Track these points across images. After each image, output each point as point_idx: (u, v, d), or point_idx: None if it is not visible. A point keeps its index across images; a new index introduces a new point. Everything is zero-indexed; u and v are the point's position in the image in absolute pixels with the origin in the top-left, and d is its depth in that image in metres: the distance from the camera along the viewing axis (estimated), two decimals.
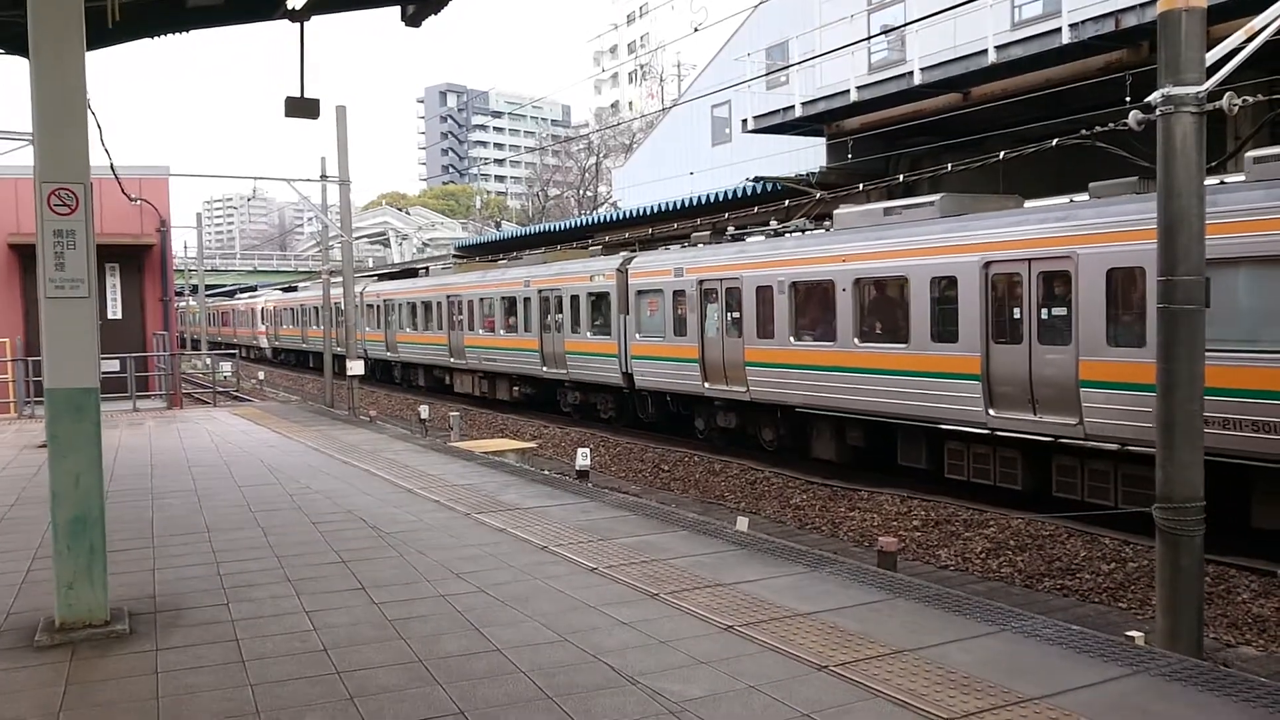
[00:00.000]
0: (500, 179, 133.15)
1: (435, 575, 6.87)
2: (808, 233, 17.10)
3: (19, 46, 13.70)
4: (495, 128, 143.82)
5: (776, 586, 6.47)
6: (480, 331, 28.57)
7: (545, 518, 8.69)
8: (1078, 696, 4.65)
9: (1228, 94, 8.19)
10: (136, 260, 21.58)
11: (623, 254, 22.85)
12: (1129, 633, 7.85)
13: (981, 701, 4.58)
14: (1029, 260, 12.34)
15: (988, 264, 12.79)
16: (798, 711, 4.50)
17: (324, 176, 35.99)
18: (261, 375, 41.27)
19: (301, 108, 15.57)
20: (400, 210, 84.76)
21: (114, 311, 21.37)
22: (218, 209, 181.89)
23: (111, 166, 18.21)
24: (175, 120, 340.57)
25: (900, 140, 22.67)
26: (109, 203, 20.38)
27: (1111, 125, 11.62)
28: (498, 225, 58.65)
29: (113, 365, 19.07)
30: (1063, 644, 5.35)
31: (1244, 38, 7.89)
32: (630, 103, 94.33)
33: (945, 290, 13.47)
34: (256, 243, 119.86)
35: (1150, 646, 7.52)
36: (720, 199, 26.42)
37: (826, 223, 16.91)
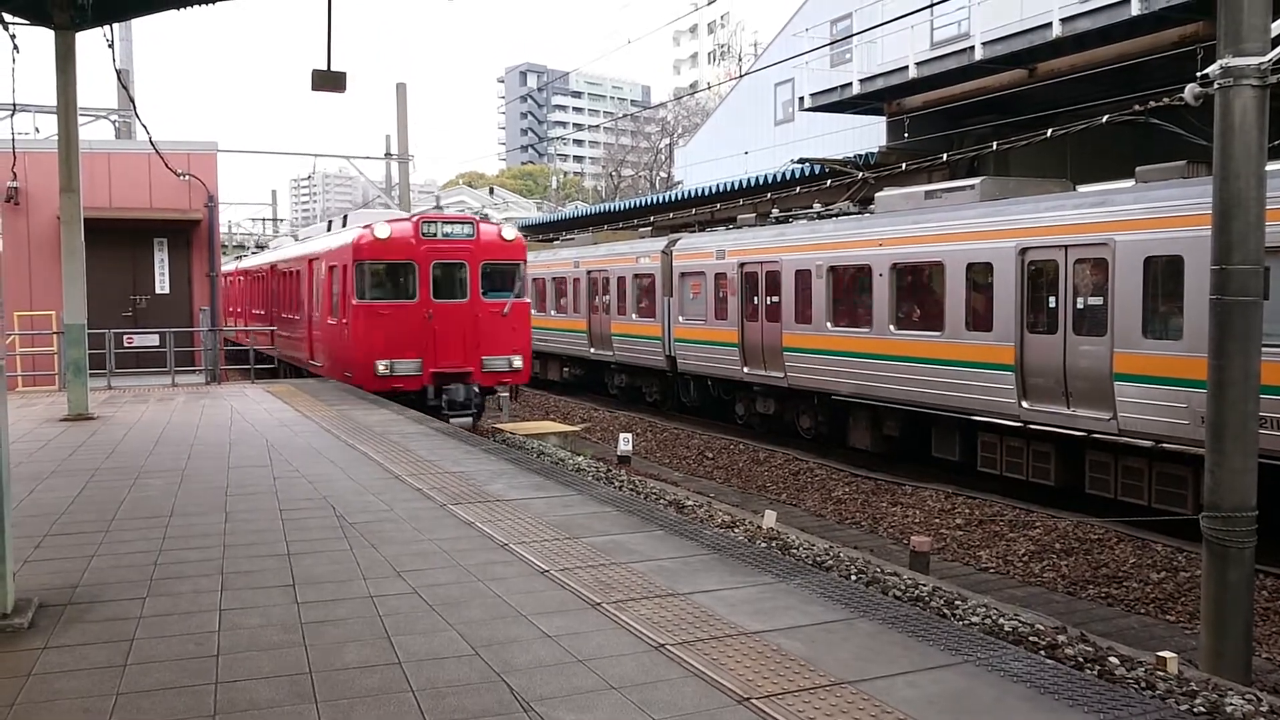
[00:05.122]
0: (579, 159, 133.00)
1: (376, 573, 6.44)
2: (849, 216, 16.40)
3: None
4: (575, 108, 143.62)
5: (733, 599, 5.89)
6: (533, 312, 28.25)
7: (523, 511, 8.22)
8: None
9: None
10: (184, 235, 21.66)
11: (669, 236, 22.34)
12: (1161, 653, 7.05)
13: None
14: (1065, 247, 11.57)
15: (1023, 250, 12.05)
16: None
17: (388, 154, 36.08)
18: None
19: (328, 80, 15.28)
20: (475, 190, 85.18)
21: (162, 286, 21.49)
22: (303, 187, 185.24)
23: (151, 141, 18.20)
24: (271, 100, 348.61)
25: (964, 119, 21.64)
26: (157, 178, 20.46)
27: (1167, 101, 10.72)
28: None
29: (151, 339, 19.11)
30: (1028, 681, 4.69)
31: None
32: (709, 84, 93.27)
33: (981, 277, 12.75)
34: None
35: (1178, 673, 6.78)
36: (767, 181, 25.64)
37: (872, 206, 16.19)
